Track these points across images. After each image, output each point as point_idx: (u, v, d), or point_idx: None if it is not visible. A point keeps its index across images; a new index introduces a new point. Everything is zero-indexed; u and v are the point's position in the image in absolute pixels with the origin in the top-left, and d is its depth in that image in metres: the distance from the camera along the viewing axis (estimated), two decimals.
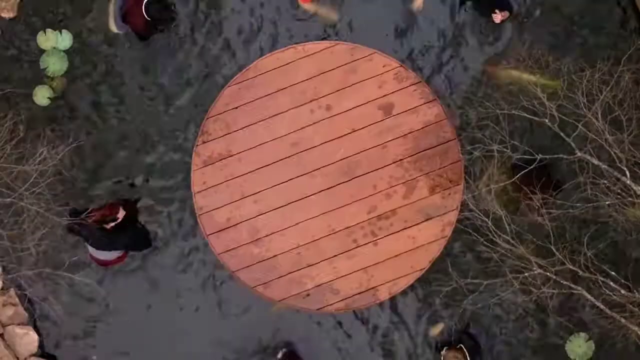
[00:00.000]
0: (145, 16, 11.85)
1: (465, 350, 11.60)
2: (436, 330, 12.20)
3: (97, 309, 12.30)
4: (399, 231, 11.86)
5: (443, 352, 11.71)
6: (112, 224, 11.75)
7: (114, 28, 12.32)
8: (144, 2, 11.81)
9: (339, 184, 11.89)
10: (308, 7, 12.36)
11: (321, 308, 11.90)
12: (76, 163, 12.23)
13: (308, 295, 11.90)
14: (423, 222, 11.83)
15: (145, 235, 12.33)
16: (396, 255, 11.85)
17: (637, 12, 11.99)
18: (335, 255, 11.88)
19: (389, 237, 11.86)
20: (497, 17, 11.82)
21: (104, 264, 12.12)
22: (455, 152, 11.78)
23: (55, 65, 12.38)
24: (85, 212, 11.79)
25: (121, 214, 11.84)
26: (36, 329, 12.19)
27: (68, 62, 12.39)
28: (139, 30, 12.21)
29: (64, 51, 12.41)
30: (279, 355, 12.14)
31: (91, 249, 11.91)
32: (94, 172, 12.36)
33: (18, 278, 11.83)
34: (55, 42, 12.42)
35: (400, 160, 11.86)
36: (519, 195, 11.27)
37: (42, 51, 12.40)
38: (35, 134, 11.91)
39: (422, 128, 11.85)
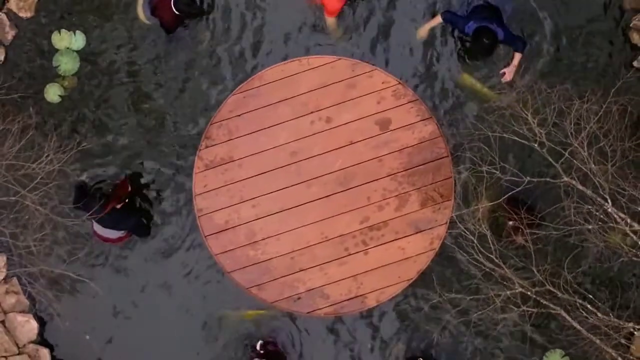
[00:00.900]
0: (174, 10, 12.10)
1: None
2: (398, 348, 12.50)
3: (93, 302, 12.56)
4: (389, 242, 12.09)
5: None
6: (125, 202, 12.09)
7: (142, 18, 12.55)
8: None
9: (335, 193, 12.13)
10: (331, 23, 12.56)
11: (311, 312, 12.13)
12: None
13: (299, 298, 12.13)
14: (413, 234, 12.05)
15: (147, 224, 12.58)
16: (385, 265, 12.07)
17: (628, 46, 12.29)
18: (327, 262, 12.12)
19: (379, 247, 12.09)
20: (507, 76, 12.02)
21: (105, 240, 12.34)
22: (448, 169, 11.99)
23: (67, 64, 12.60)
24: (93, 187, 12.31)
25: (129, 188, 12.13)
26: (36, 318, 12.44)
27: (80, 62, 12.66)
28: (166, 24, 12.41)
29: (76, 51, 12.66)
30: (257, 346, 12.33)
31: (96, 226, 12.13)
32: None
33: (19, 273, 12.21)
34: (69, 42, 12.63)
35: (395, 174, 12.09)
36: (505, 215, 11.56)
37: (56, 50, 12.64)
38: (43, 134, 12.21)
39: (417, 144, 12.07)
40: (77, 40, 12.69)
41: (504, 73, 11.95)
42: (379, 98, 12.13)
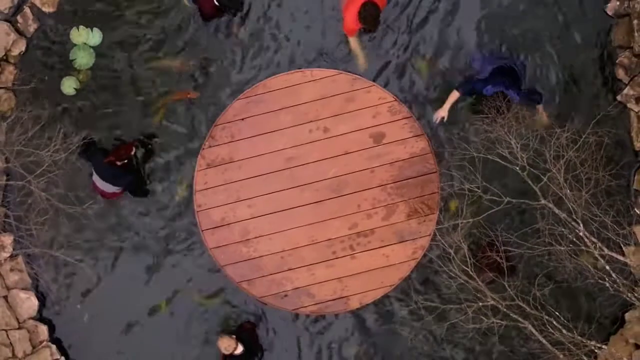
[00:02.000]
0: (215, 1, 12.53)
1: None
2: (352, 350, 12.80)
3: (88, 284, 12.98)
4: (375, 249, 12.54)
5: None
6: (124, 162, 12.39)
7: (185, 1, 12.90)
8: None
9: (327, 199, 12.57)
10: (353, 42, 12.73)
11: (296, 309, 12.58)
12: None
13: (286, 295, 12.59)
14: (397, 243, 12.49)
15: (143, 186, 12.89)
16: (370, 270, 12.52)
17: (613, 81, 12.54)
18: (314, 263, 12.57)
19: (365, 253, 12.54)
20: (544, 118, 12.11)
21: (102, 194, 12.67)
22: (435, 184, 12.43)
23: (83, 59, 12.96)
24: (95, 146, 12.70)
25: (132, 151, 12.44)
26: (37, 295, 12.80)
27: (95, 58, 13.01)
28: (206, 13, 12.74)
29: (93, 47, 13.02)
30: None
31: (95, 177, 12.46)
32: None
33: (20, 253, 12.69)
34: (86, 38, 12.97)
35: (385, 185, 12.53)
36: (483, 231, 11.94)
37: (73, 45, 13.00)
38: (54, 123, 12.65)
39: (408, 159, 12.51)
40: (94, 37, 13.01)
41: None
42: (375, 113, 12.55)
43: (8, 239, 12.62)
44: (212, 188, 12.69)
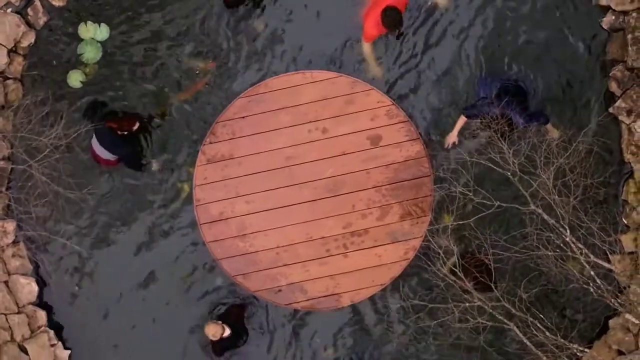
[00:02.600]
0: None
1: None
2: (328, 352, 12.99)
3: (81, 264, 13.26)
4: (368, 248, 12.78)
5: None
6: (124, 133, 12.62)
7: None
8: None
9: (323, 198, 12.81)
10: (366, 48, 12.94)
11: (289, 304, 12.83)
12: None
13: (280, 290, 12.83)
14: (390, 243, 12.72)
15: (140, 160, 13.07)
16: (362, 269, 12.75)
17: (605, 93, 12.75)
18: (309, 260, 12.81)
19: (358, 252, 12.77)
20: (552, 134, 12.14)
21: (97, 159, 12.88)
22: (429, 187, 12.67)
23: (90, 53, 13.20)
24: (102, 107, 13.02)
25: (135, 126, 12.69)
26: (37, 281, 13.03)
27: (102, 53, 13.26)
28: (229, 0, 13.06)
29: (100, 42, 13.27)
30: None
31: (94, 141, 12.67)
32: None
33: (19, 236, 12.96)
34: (94, 33, 13.22)
35: (380, 186, 12.77)
36: (473, 233, 12.10)
37: (81, 39, 13.26)
38: (58, 112, 12.90)
39: (403, 161, 12.74)
40: (102, 32, 13.25)
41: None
42: (373, 115, 12.79)
43: (11, 225, 12.85)
44: (211, 183, 12.92)
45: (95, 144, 12.67)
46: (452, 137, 12.34)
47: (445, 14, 12.89)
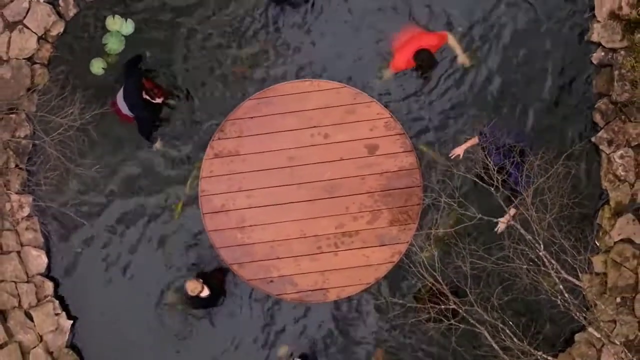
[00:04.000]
0: None
1: None
2: (282, 350, 13.60)
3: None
4: (357, 249, 13.34)
5: None
6: (147, 98, 13.13)
7: None
8: None
9: (319, 199, 13.37)
10: (387, 77, 13.56)
11: (280, 295, 13.38)
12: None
13: (272, 281, 13.39)
14: (378, 246, 13.28)
15: (151, 131, 13.56)
16: (350, 268, 13.32)
17: (589, 122, 13.33)
18: (301, 255, 13.37)
19: (347, 252, 13.34)
20: (502, 225, 12.65)
21: (117, 111, 13.40)
22: (418, 196, 13.23)
23: (114, 44, 13.85)
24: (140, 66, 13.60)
25: (160, 100, 13.26)
26: (48, 255, 13.65)
27: (125, 46, 13.89)
28: None
29: (125, 36, 13.92)
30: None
31: (119, 94, 13.20)
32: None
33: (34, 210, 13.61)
34: (119, 26, 13.87)
35: (373, 192, 13.33)
36: (453, 242, 12.60)
37: (107, 31, 13.90)
38: (74, 94, 13.44)
39: (397, 171, 13.30)
40: (127, 27, 13.90)
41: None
42: (371, 126, 13.37)
43: (27, 200, 13.50)
44: (217, 177, 13.49)
45: (119, 96, 13.20)
46: (459, 150, 12.70)
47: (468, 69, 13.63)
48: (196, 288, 12.75)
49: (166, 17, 13.85)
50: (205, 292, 12.90)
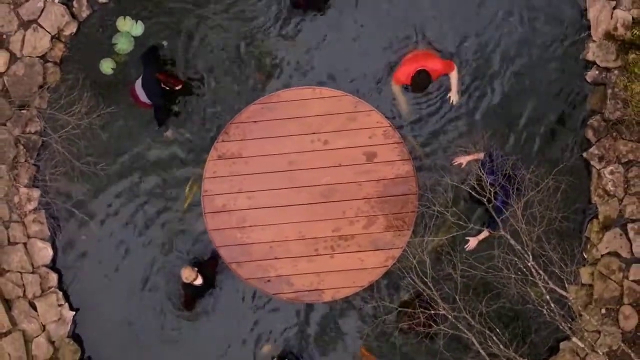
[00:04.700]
0: None
1: None
2: (267, 348, 13.87)
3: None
4: (352, 252, 13.60)
5: None
6: (166, 87, 13.45)
7: None
8: None
9: (317, 202, 13.63)
10: (395, 89, 13.78)
11: (276, 294, 13.66)
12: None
13: (269, 281, 13.67)
14: (373, 250, 13.54)
15: (165, 118, 13.89)
16: (345, 270, 13.59)
17: (581, 138, 13.61)
18: (298, 257, 13.64)
19: (343, 254, 13.60)
20: (472, 243, 13.10)
21: (135, 98, 13.70)
22: (414, 204, 13.50)
23: (123, 45, 14.13)
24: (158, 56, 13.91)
25: (178, 86, 13.59)
26: (53, 247, 13.96)
27: (134, 46, 14.19)
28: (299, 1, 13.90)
29: (134, 37, 14.22)
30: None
31: (138, 82, 13.53)
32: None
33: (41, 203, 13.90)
34: (130, 28, 14.16)
35: (369, 198, 13.59)
36: (446, 250, 12.99)
37: (117, 31, 14.20)
38: (84, 94, 13.72)
39: (393, 178, 13.56)
40: (137, 28, 14.18)
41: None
42: (371, 134, 13.64)
43: (35, 193, 13.83)
44: (219, 177, 13.74)
45: (138, 84, 13.54)
46: (463, 160, 12.99)
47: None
48: (191, 276, 13.10)
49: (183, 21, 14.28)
50: (199, 281, 13.25)
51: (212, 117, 14.02)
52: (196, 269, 13.21)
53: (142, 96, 13.59)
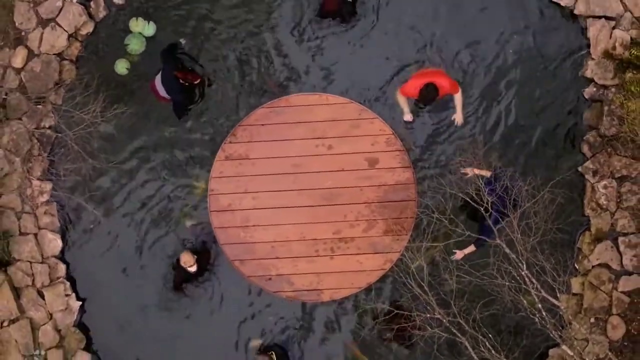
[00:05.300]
0: (338, 6, 13.95)
1: (274, 355, 13.51)
2: (256, 343, 14.14)
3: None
4: (351, 254, 13.89)
5: (255, 357, 13.71)
6: (185, 83, 13.79)
7: None
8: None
9: (319, 205, 13.90)
10: (399, 98, 13.85)
11: (276, 292, 13.93)
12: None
13: (270, 279, 13.95)
14: (371, 253, 13.83)
15: (185, 111, 14.22)
16: (344, 271, 13.86)
17: (577, 153, 13.90)
18: (299, 257, 13.92)
19: (342, 256, 13.88)
20: (458, 255, 13.33)
21: (155, 93, 13.95)
22: (413, 210, 13.79)
23: (135, 45, 14.44)
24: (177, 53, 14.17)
25: (196, 81, 13.94)
26: (63, 239, 14.27)
27: (145, 47, 14.47)
28: (328, 10, 14.13)
29: (146, 37, 14.50)
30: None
31: (158, 77, 13.78)
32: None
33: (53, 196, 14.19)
34: (142, 28, 14.45)
35: (370, 203, 13.88)
36: (443, 256, 13.25)
37: (130, 32, 14.50)
38: (99, 92, 14.02)
39: (394, 185, 13.85)
40: (149, 29, 14.48)
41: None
42: (373, 141, 13.93)
43: (47, 186, 14.16)
44: (226, 177, 14.04)
45: (157, 80, 13.79)
46: (470, 172, 13.14)
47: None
48: (189, 262, 13.45)
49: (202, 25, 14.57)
50: (194, 269, 13.58)
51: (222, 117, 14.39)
52: (195, 256, 13.53)
53: (162, 91, 13.85)
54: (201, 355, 14.19)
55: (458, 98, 13.75)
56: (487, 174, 13.03)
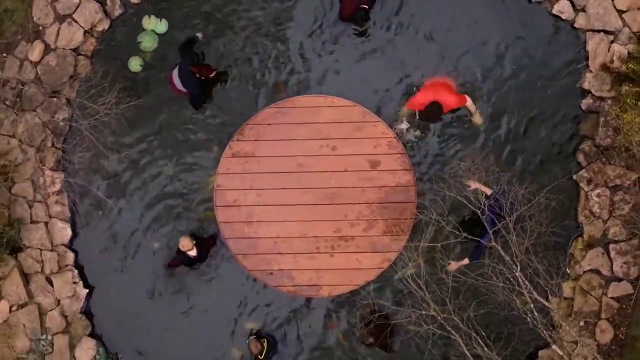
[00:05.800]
0: (357, 6, 14.16)
1: (265, 343, 13.84)
2: (251, 325, 14.45)
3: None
4: (351, 252, 14.20)
5: (250, 339, 13.94)
6: (201, 77, 14.03)
7: None
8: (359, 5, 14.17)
9: (322, 204, 14.19)
10: (404, 112, 14.24)
11: (277, 286, 14.25)
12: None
13: (271, 274, 14.26)
14: (370, 252, 14.13)
15: (202, 103, 14.50)
16: (343, 269, 14.16)
17: (573, 161, 14.21)
18: (300, 253, 14.21)
19: (342, 254, 14.19)
20: (452, 266, 13.65)
21: (172, 86, 14.24)
22: (412, 211, 14.07)
23: (148, 42, 14.76)
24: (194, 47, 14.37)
25: (212, 74, 14.20)
26: (72, 228, 14.61)
27: (158, 44, 14.77)
28: (345, 14, 14.34)
29: (158, 34, 14.79)
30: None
31: (175, 71, 14.07)
32: None
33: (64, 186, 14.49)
34: (154, 26, 14.77)
35: (370, 203, 14.18)
36: (439, 256, 13.53)
37: (143, 29, 14.82)
38: (114, 86, 14.34)
39: (394, 186, 14.13)
40: (161, 26, 14.78)
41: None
42: (376, 143, 14.22)
43: (59, 176, 14.51)
44: (232, 174, 14.33)
45: (175, 74, 14.10)
46: (474, 185, 13.32)
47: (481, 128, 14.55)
48: (187, 246, 13.77)
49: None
50: (193, 253, 13.87)
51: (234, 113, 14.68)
52: (194, 241, 13.80)
53: (179, 85, 14.13)
54: (200, 340, 14.54)
55: (470, 106, 14.12)
56: (488, 191, 13.26)
